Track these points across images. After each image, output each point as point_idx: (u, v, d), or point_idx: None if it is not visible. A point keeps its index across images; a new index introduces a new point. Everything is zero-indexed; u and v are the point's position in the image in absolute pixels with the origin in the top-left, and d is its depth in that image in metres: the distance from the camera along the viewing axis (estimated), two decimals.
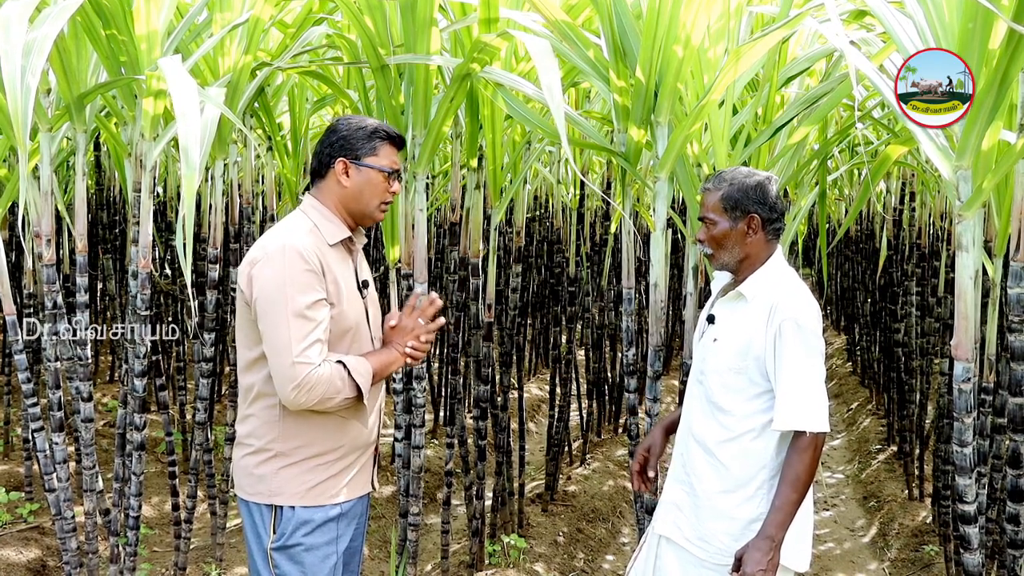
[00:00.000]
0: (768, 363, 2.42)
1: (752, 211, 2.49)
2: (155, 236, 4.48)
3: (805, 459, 2.36)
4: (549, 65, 2.64)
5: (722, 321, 2.56)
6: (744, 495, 2.48)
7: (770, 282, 2.50)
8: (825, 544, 5.25)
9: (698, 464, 2.55)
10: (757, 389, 2.46)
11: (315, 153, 2.42)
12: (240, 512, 2.46)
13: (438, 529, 4.37)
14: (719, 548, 2.50)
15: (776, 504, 2.38)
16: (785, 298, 2.43)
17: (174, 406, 5.89)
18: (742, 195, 2.50)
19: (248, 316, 2.32)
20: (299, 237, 2.29)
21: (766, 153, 3.58)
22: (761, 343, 2.43)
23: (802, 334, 2.39)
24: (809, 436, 2.36)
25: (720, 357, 2.51)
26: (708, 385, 2.54)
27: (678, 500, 2.60)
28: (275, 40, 4.19)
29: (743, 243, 2.51)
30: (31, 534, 4.47)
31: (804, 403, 2.36)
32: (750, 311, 2.48)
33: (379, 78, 3.36)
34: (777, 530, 2.36)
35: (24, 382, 3.36)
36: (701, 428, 2.55)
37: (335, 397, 2.26)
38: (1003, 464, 3.18)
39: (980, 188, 2.33)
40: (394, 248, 3.73)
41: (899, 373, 6.04)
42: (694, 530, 2.55)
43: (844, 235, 9.42)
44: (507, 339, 4.95)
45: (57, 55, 3.01)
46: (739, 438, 2.48)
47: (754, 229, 2.50)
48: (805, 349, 2.38)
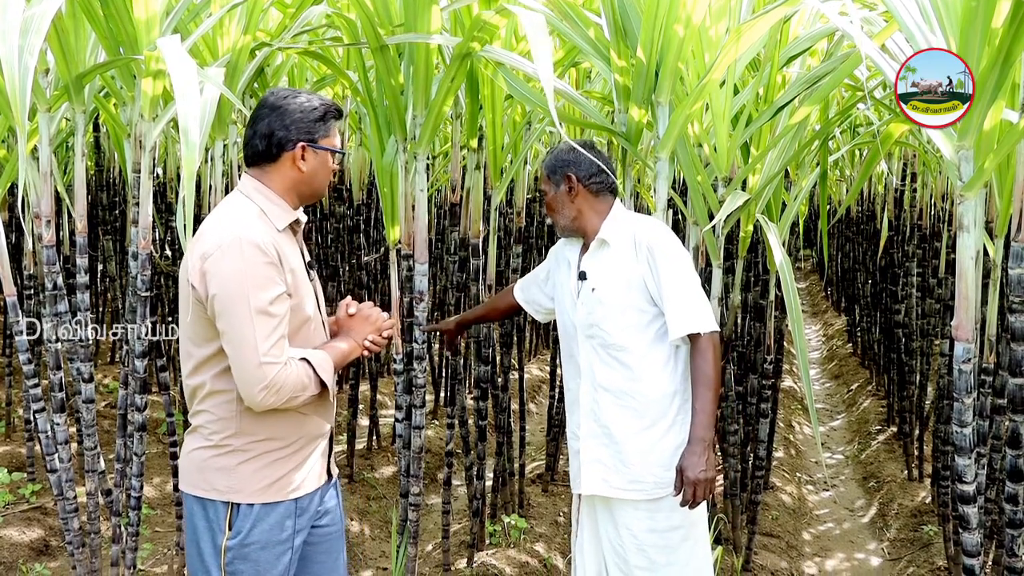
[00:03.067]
0: (650, 285, 2.62)
1: (567, 172, 2.74)
2: (155, 217, 4.47)
3: (708, 357, 2.58)
4: (541, 38, 2.64)
5: (594, 271, 2.73)
6: (664, 426, 2.65)
7: (622, 222, 2.73)
8: (825, 524, 5.27)
9: (611, 411, 2.69)
10: (647, 316, 2.65)
11: (262, 134, 2.25)
12: (185, 508, 2.33)
13: (439, 509, 4.39)
14: (653, 482, 2.64)
15: (697, 408, 2.57)
16: (641, 227, 2.69)
17: (175, 387, 5.90)
18: (554, 160, 2.79)
19: (198, 313, 2.16)
20: (252, 227, 2.16)
21: (767, 133, 3.57)
22: (637, 271, 2.63)
23: (669, 248, 2.63)
24: (705, 336, 2.58)
25: (605, 301, 2.67)
26: (602, 332, 2.68)
27: (599, 455, 2.71)
28: (274, 20, 4.17)
29: (570, 203, 2.76)
30: (33, 514, 4.49)
31: (692, 309, 2.58)
32: (615, 252, 2.69)
33: (379, 58, 3.34)
34: (706, 431, 2.54)
35: (25, 363, 3.36)
36: (605, 376, 2.69)
37: (301, 395, 2.18)
38: (1002, 444, 3.18)
39: (982, 168, 2.32)
40: (394, 229, 3.72)
41: (899, 354, 6.04)
42: (623, 476, 2.66)
43: (845, 216, 9.41)
44: (507, 320, 4.95)
45: (55, 35, 3.00)
46: (645, 371, 2.64)
47: (572, 187, 2.74)
48: (676, 261, 2.62)
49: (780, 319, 4.64)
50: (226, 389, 2.20)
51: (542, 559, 4.27)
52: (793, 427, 7.16)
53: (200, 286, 2.13)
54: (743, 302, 4.35)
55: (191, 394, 2.27)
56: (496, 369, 4.56)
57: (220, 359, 2.19)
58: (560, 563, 4.31)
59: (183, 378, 2.30)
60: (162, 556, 4.25)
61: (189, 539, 2.30)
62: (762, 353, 4.12)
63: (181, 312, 2.22)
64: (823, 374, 9.50)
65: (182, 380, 2.33)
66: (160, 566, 4.15)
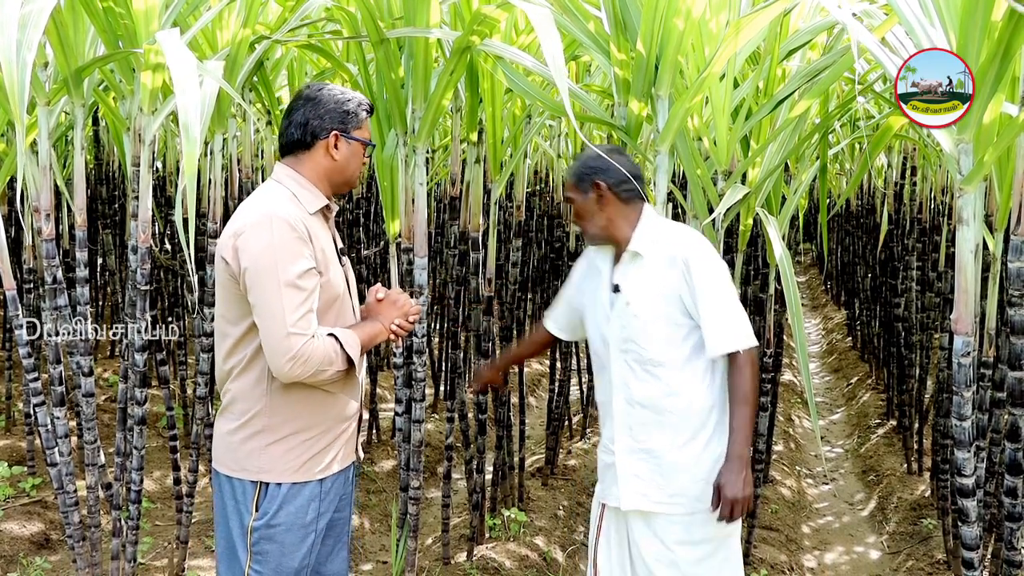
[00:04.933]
0: (686, 299, 2.55)
1: (596, 179, 2.64)
2: (155, 211, 4.47)
3: (747, 374, 2.53)
4: (551, 35, 2.62)
5: (628, 284, 2.65)
6: (703, 440, 2.59)
7: (656, 232, 2.64)
8: (824, 517, 5.28)
9: (648, 427, 2.62)
10: (683, 330, 2.58)
11: (297, 123, 2.35)
12: (214, 486, 2.42)
13: (439, 503, 4.39)
14: (694, 496, 2.58)
15: (735, 425, 2.52)
16: (676, 238, 2.62)
17: (175, 381, 5.91)
18: (583, 167, 2.68)
19: (233, 290, 2.26)
20: (282, 205, 2.26)
21: (767, 126, 3.57)
22: (673, 284, 2.56)
23: (707, 262, 2.56)
24: (744, 353, 2.53)
25: (640, 315, 2.60)
26: (637, 347, 2.61)
27: (636, 470, 2.64)
28: (274, 13, 4.16)
29: (600, 211, 2.66)
30: (34, 508, 4.49)
31: (731, 325, 2.53)
32: (649, 263, 2.61)
33: (379, 51, 3.34)
34: (744, 448, 2.50)
35: (25, 357, 3.36)
36: (641, 391, 2.62)
37: (328, 370, 2.24)
38: (1002, 438, 3.19)
39: (981, 161, 2.32)
40: (394, 222, 3.72)
41: (899, 347, 6.04)
42: (662, 491, 2.60)
43: (845, 210, 9.41)
44: (507, 313, 4.95)
45: (54, 28, 2.99)
46: (682, 386, 2.58)
47: (602, 195, 2.64)
48: (713, 274, 2.55)
49: (780, 313, 4.64)
50: (257, 367, 2.28)
51: (542, 552, 4.28)
52: (793, 421, 7.17)
53: (233, 261, 2.23)
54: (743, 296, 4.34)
55: (225, 376, 2.35)
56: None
57: (253, 336, 2.27)
58: (560, 556, 4.31)
59: (217, 361, 2.38)
60: (162, 550, 4.25)
61: (218, 517, 2.40)
62: (762, 347, 4.12)
63: (216, 294, 2.35)
64: (823, 368, 9.51)
65: (215, 363, 2.41)
66: (160, 560, 4.15)
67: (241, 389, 2.32)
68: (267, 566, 2.32)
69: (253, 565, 2.32)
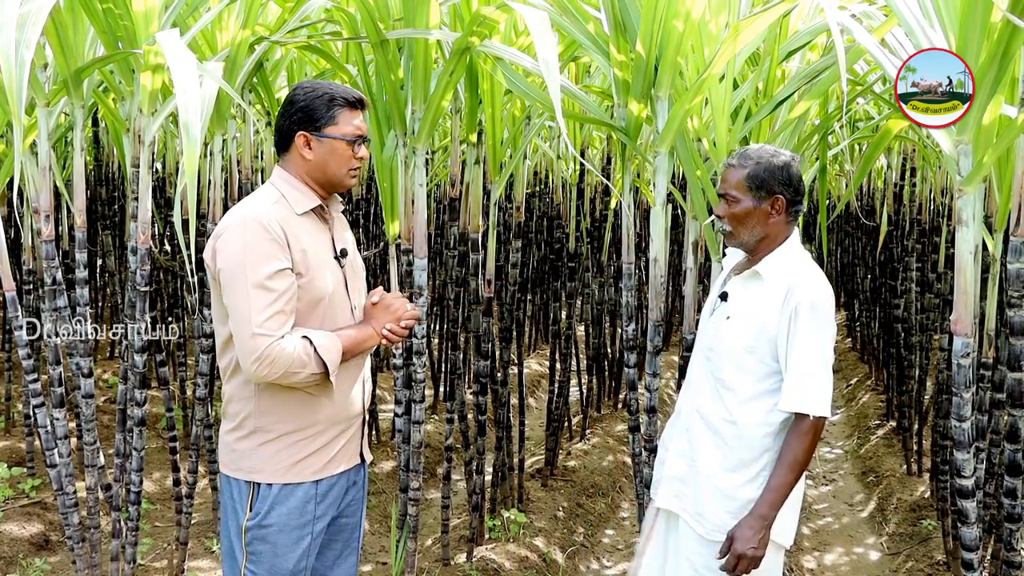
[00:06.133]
0: (780, 344, 2.41)
1: (777, 192, 2.46)
2: (154, 212, 4.47)
3: (805, 442, 2.37)
4: (546, 38, 2.62)
5: (736, 299, 2.53)
6: (746, 476, 2.47)
7: (788, 263, 2.48)
8: (824, 518, 5.28)
9: (703, 440, 2.54)
10: (766, 370, 2.45)
11: (276, 127, 2.37)
12: (220, 486, 2.46)
13: (438, 504, 4.39)
14: (716, 524, 2.50)
15: (771, 484, 2.39)
16: (803, 280, 2.42)
17: (174, 382, 5.91)
18: (768, 175, 2.45)
19: (216, 291, 2.29)
20: (262, 208, 2.26)
21: (767, 128, 3.56)
22: (775, 323, 2.41)
23: (818, 318, 2.38)
24: (811, 420, 2.37)
25: (732, 335, 2.49)
26: (717, 362, 2.52)
27: (681, 474, 2.60)
28: (273, 14, 4.16)
29: (765, 223, 2.48)
30: (33, 509, 4.49)
31: (811, 387, 2.36)
32: (766, 291, 2.46)
33: (378, 53, 3.34)
34: (770, 509, 2.38)
35: (24, 358, 3.36)
36: (707, 404, 2.54)
37: (300, 372, 2.21)
38: (1001, 439, 3.19)
39: (981, 163, 2.32)
40: (394, 223, 3.72)
41: (899, 349, 6.05)
42: (694, 505, 2.55)
43: (844, 211, 9.41)
44: (507, 314, 4.95)
45: (53, 28, 2.99)
46: (742, 418, 2.47)
47: (777, 210, 2.47)
48: (819, 333, 2.38)
49: None
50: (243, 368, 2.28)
51: (541, 553, 4.27)
52: None
53: (212, 263, 2.26)
54: None
55: (223, 371, 2.38)
56: (495, 364, 4.56)
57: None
58: (559, 557, 4.31)
59: (216, 355, 2.41)
60: (162, 551, 4.25)
61: (222, 515, 2.43)
62: None
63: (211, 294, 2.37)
64: None
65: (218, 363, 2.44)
66: (160, 561, 4.15)
67: (233, 390, 2.34)
68: (261, 567, 2.33)
69: (248, 565, 2.34)
